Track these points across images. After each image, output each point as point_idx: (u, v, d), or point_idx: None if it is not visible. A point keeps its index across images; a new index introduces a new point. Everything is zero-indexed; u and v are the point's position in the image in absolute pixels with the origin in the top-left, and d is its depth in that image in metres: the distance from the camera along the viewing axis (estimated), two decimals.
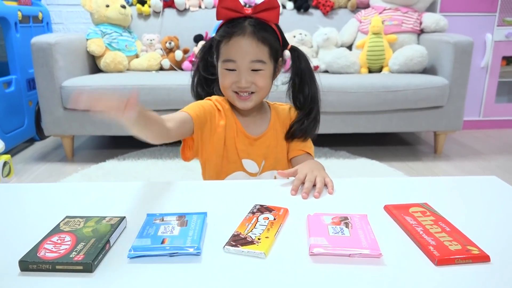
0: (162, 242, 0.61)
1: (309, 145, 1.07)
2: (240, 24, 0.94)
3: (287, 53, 1.04)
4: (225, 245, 0.62)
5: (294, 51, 1.03)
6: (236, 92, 0.97)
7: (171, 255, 0.60)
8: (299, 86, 1.03)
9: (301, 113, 1.04)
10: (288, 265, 0.58)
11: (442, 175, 2.11)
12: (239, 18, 0.95)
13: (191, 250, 0.60)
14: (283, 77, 1.06)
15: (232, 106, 1.03)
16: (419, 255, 0.60)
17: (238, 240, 0.63)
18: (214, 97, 1.03)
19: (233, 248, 0.61)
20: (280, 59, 1.02)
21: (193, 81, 1.08)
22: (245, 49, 0.93)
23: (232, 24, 0.95)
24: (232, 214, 0.73)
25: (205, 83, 1.07)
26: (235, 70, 0.95)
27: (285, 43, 1.01)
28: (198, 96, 1.07)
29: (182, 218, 0.69)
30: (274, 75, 1.02)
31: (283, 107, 1.09)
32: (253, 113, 1.04)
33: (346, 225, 0.67)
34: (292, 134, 1.05)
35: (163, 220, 0.68)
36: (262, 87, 0.97)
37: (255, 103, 0.99)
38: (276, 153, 1.05)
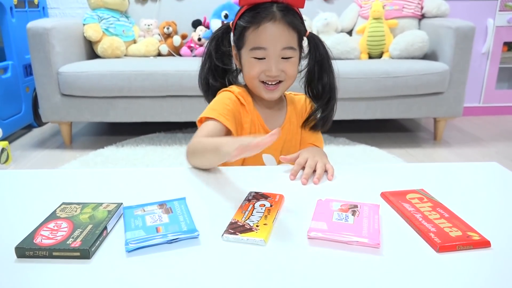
0: (157, 231, 0.61)
1: (320, 139, 1.05)
2: (268, 9, 0.88)
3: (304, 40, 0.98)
4: (224, 233, 0.61)
5: (313, 38, 0.97)
6: (263, 82, 0.92)
7: (169, 242, 0.59)
8: (318, 75, 0.98)
9: (320, 102, 0.99)
10: (287, 251, 0.58)
11: (442, 161, 2.10)
12: (265, 3, 0.89)
13: (190, 234, 0.60)
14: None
15: (253, 98, 0.99)
16: (419, 242, 0.60)
17: (236, 228, 0.62)
18: (234, 89, 0.97)
19: (232, 236, 0.61)
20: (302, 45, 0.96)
21: (202, 71, 1.01)
22: (276, 36, 0.88)
23: (258, 9, 0.89)
24: (226, 201, 0.72)
25: (217, 73, 1.01)
26: (264, 58, 0.90)
27: (305, 29, 0.96)
28: (208, 88, 1.01)
29: (164, 205, 0.68)
30: (299, 62, 0.97)
31: (299, 98, 1.05)
32: (273, 106, 1.01)
33: (353, 213, 0.66)
34: (312, 126, 1.02)
35: (145, 211, 0.67)
36: (291, 75, 0.92)
37: (281, 93, 0.96)
38: (290, 146, 1.03)
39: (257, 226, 0.63)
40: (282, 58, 0.90)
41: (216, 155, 0.78)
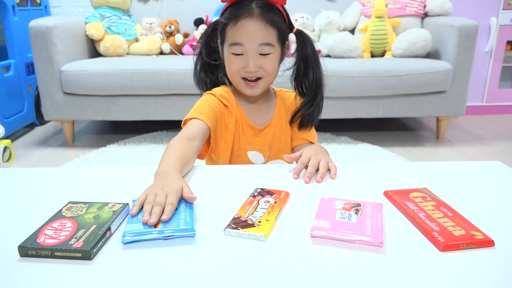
0: (155, 226, 0.61)
1: (312, 134, 1.05)
2: (247, 6, 0.90)
3: (291, 36, 1.00)
4: (226, 227, 0.62)
5: (300, 34, 0.99)
6: (243, 78, 0.94)
7: (165, 238, 0.59)
8: (304, 71, 1.00)
9: (306, 98, 1.01)
10: (288, 247, 0.58)
11: (444, 160, 2.10)
12: (245, 0, 0.91)
13: (186, 233, 0.60)
14: (286, 62, 1.02)
15: (237, 96, 1.00)
16: (423, 241, 0.60)
17: (238, 223, 0.63)
18: (217, 92, 0.99)
19: (234, 230, 0.61)
20: (286, 42, 0.98)
21: (196, 67, 1.04)
22: (253, 32, 0.90)
23: (238, 6, 0.91)
24: (232, 198, 0.72)
25: (209, 69, 1.03)
26: (242, 54, 0.92)
27: (291, 26, 0.98)
28: (201, 82, 1.04)
29: None
30: (281, 59, 0.98)
31: (289, 94, 1.06)
32: (259, 101, 1.02)
33: (356, 211, 0.66)
34: (299, 122, 1.02)
35: None
36: (270, 72, 0.94)
37: (262, 89, 0.97)
38: (280, 142, 1.03)
39: (259, 222, 0.63)
40: (260, 54, 0.92)
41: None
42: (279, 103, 1.04)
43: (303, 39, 0.99)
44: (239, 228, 0.61)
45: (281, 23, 0.93)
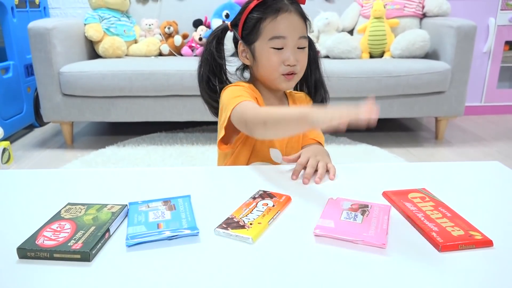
0: (158, 227, 0.61)
1: (320, 134, 1.06)
2: (279, 2, 0.91)
3: None
4: (216, 227, 0.62)
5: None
6: (283, 75, 0.93)
7: (170, 238, 0.60)
8: (311, 72, 1.03)
9: (317, 98, 1.05)
10: (291, 246, 0.58)
11: (443, 160, 2.10)
12: None
13: (189, 231, 0.60)
14: None
15: (261, 94, 0.99)
16: (421, 241, 0.60)
17: (230, 224, 0.63)
18: (243, 83, 0.98)
19: (223, 230, 0.61)
20: None
21: (204, 71, 1.00)
22: (294, 24, 0.91)
23: (269, 3, 0.91)
24: (232, 199, 0.72)
25: (217, 72, 1.00)
26: (282, 48, 0.92)
27: None
28: (210, 89, 1.01)
29: (168, 202, 0.69)
30: None
31: (299, 95, 1.07)
32: (276, 102, 1.02)
33: (363, 212, 0.66)
34: None
35: (149, 207, 0.68)
36: (303, 67, 0.95)
37: (295, 84, 0.98)
38: (293, 142, 1.04)
39: (250, 224, 0.63)
40: (298, 48, 0.93)
41: (301, 124, 0.75)
42: (291, 103, 1.05)
43: (309, 40, 1.00)
44: (229, 228, 0.62)
45: (307, 19, 0.96)
